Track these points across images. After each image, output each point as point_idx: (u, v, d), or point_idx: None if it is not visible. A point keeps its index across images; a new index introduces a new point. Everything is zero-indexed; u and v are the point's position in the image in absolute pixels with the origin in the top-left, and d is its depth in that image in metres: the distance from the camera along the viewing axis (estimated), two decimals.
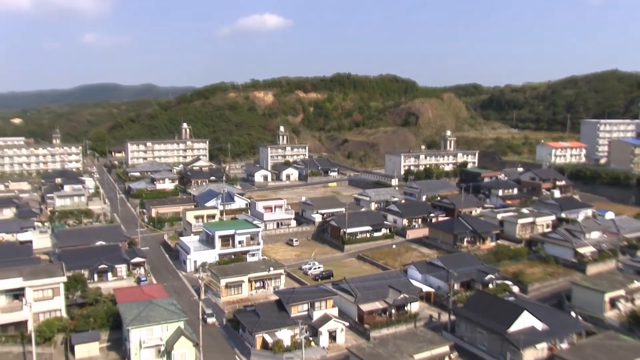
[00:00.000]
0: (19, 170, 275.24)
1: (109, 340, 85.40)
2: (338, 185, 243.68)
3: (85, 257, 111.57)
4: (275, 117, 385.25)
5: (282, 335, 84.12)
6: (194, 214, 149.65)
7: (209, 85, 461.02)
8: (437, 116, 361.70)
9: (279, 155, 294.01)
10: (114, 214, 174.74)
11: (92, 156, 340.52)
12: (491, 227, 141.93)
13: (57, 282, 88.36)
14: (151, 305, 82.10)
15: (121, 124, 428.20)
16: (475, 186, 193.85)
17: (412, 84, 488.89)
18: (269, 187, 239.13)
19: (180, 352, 78.10)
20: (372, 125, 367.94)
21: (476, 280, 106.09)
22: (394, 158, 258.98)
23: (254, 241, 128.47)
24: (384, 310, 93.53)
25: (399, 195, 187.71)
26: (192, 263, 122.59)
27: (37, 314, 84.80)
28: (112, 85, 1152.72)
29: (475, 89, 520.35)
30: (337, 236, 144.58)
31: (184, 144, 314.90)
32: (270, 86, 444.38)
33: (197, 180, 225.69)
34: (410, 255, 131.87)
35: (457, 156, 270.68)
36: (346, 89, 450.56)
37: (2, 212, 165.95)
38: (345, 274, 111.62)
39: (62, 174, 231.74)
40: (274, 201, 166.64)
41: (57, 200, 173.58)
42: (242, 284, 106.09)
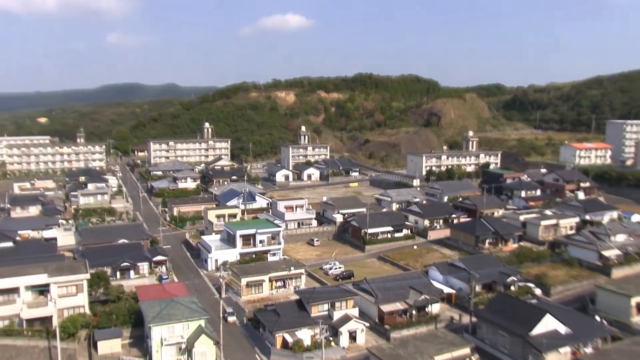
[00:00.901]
0: (45, 168, 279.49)
1: (130, 337, 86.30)
2: (359, 185, 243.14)
3: (108, 254, 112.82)
4: (297, 117, 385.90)
5: (302, 334, 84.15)
6: (215, 213, 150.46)
7: (231, 85, 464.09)
8: (459, 117, 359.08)
9: (300, 155, 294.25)
10: (137, 212, 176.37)
11: (115, 155, 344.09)
12: (513, 229, 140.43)
13: (80, 279, 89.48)
14: (172, 304, 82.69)
15: (144, 124, 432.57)
16: (497, 187, 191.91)
17: (434, 84, 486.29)
18: (290, 186, 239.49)
19: (201, 350, 78.51)
20: (393, 125, 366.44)
21: (498, 282, 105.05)
22: (415, 158, 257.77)
23: (275, 241, 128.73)
24: (404, 311, 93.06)
25: (420, 196, 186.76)
26: (213, 262, 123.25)
27: (62, 310, 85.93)
28: (135, 85, 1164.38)
29: (498, 89, 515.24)
30: (358, 236, 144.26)
31: (205, 143, 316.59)
32: (292, 86, 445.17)
33: (218, 179, 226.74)
34: (431, 256, 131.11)
35: (479, 157, 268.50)
36: (368, 89, 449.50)
37: (28, 210, 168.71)
38: (366, 274, 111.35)
39: (86, 172, 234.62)
40: (295, 201, 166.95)
41: (81, 199, 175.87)
42: (262, 283, 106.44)
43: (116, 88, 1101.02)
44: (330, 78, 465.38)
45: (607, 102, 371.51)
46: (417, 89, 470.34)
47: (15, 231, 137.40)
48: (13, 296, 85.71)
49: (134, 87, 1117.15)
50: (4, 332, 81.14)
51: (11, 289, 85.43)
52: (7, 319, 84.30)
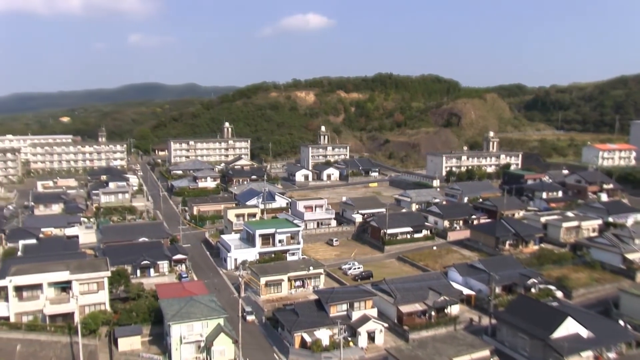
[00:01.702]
0: (67, 167, 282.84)
1: (150, 334, 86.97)
2: (379, 185, 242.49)
3: (128, 253, 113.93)
4: (317, 116, 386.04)
5: (321, 334, 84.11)
6: (235, 213, 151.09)
7: (251, 84, 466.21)
8: (480, 117, 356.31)
9: (320, 155, 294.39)
10: (157, 211, 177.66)
11: (136, 154, 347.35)
12: (534, 230, 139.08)
13: (101, 276, 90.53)
14: (192, 302, 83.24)
15: (164, 123, 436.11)
16: (518, 188, 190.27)
17: (455, 84, 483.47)
18: (309, 186, 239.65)
19: (220, 349, 78.92)
20: (413, 125, 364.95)
21: (518, 284, 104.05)
22: (435, 159, 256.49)
23: (294, 240, 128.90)
24: (423, 312, 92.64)
25: (440, 197, 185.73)
26: (232, 261, 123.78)
27: (83, 307, 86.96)
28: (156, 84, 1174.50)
29: (519, 90, 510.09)
30: (377, 237, 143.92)
31: (225, 143, 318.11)
32: (312, 86, 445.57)
33: (238, 179, 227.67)
34: (451, 257, 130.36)
35: (500, 157, 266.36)
36: (388, 89, 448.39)
37: (51, 208, 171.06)
38: (385, 274, 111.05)
39: (107, 171, 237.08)
40: (315, 201, 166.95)
41: (102, 197, 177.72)
42: (281, 283, 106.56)
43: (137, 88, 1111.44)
44: (350, 78, 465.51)
45: (632, 102, 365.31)
46: (437, 89, 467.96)
47: (38, 228, 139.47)
48: (37, 292, 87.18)
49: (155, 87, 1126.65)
50: (29, 327, 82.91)
51: (35, 285, 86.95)
52: (31, 314, 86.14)
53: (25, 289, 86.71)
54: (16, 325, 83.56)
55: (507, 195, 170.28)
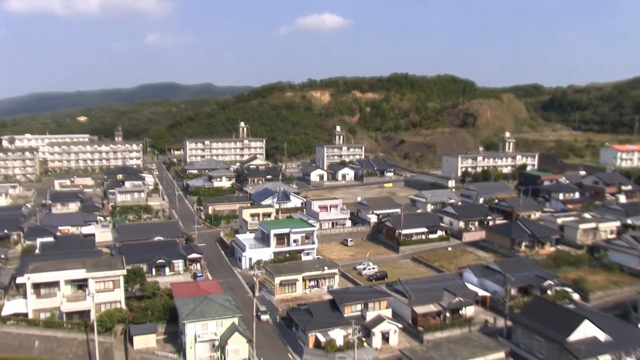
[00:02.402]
0: (84, 166, 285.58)
1: (165, 333, 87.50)
2: (394, 186, 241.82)
3: (144, 251, 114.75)
4: (332, 116, 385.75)
5: (335, 334, 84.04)
6: (250, 212, 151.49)
7: (266, 84, 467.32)
8: (496, 117, 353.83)
9: (335, 155, 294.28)
10: (172, 210, 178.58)
11: (152, 153, 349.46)
12: (551, 232, 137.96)
13: (117, 274, 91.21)
14: (206, 301, 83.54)
15: (180, 123, 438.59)
16: (534, 189, 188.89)
17: (471, 84, 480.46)
18: (324, 186, 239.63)
19: (234, 348, 79.16)
20: (429, 125, 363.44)
21: (534, 286, 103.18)
22: (451, 159, 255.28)
23: (309, 240, 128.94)
24: (438, 313, 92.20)
25: (455, 197, 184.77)
26: (247, 260, 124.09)
27: (99, 305, 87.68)
28: (172, 84, 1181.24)
29: (536, 90, 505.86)
30: (392, 237, 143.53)
31: (241, 142, 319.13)
32: (327, 86, 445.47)
33: (253, 178, 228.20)
34: (466, 258, 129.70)
35: (516, 158, 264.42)
36: (403, 89, 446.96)
37: (68, 206, 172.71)
38: (399, 275, 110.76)
39: (123, 170, 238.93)
40: (330, 201, 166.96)
41: (118, 196, 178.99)
42: (296, 283, 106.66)
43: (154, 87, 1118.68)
44: (366, 78, 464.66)
45: None
46: (453, 89, 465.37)
47: (55, 227, 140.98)
48: (54, 289, 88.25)
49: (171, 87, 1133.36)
50: (46, 324, 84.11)
51: (52, 282, 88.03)
52: (48, 311, 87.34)
53: (42, 286, 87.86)
54: (34, 321, 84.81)
55: (523, 196, 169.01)
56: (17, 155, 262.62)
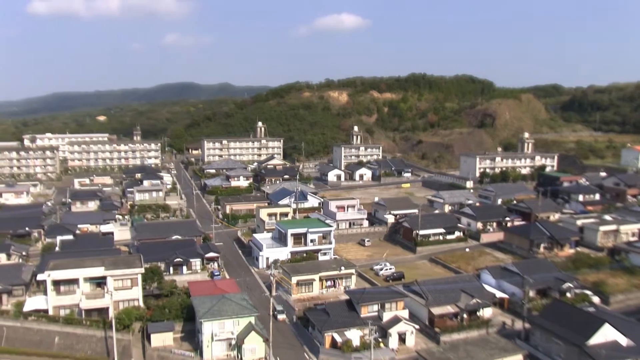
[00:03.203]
0: (103, 165, 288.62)
1: (182, 331, 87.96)
2: (411, 186, 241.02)
3: (161, 250, 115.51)
4: (349, 116, 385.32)
5: (352, 335, 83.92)
6: (267, 212, 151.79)
7: (284, 84, 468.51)
8: (515, 118, 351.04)
9: (352, 155, 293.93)
10: (190, 209, 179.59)
11: (170, 153, 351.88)
12: (570, 234, 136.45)
13: (135, 272, 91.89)
14: (223, 300, 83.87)
15: (198, 122, 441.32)
16: (553, 190, 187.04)
17: (489, 84, 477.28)
18: (342, 186, 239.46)
19: (251, 347, 79.40)
20: (447, 126, 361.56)
21: (553, 288, 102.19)
22: (469, 160, 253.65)
23: (326, 240, 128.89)
24: (455, 314, 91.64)
25: (473, 198, 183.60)
26: (264, 260, 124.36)
27: (117, 302, 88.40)
28: (191, 84, 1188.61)
29: (556, 90, 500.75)
30: (409, 238, 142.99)
31: (258, 142, 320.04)
32: (345, 86, 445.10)
33: (271, 178, 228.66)
34: (483, 259, 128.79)
35: (535, 159, 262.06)
36: (421, 89, 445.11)
37: (87, 205, 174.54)
38: (416, 276, 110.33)
39: (141, 169, 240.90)
40: (347, 201, 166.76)
41: (137, 195, 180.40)
42: (313, 282, 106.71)
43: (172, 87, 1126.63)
44: (383, 78, 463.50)
45: None
46: (471, 89, 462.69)
47: (75, 225, 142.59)
48: (73, 287, 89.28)
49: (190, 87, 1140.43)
50: (66, 321, 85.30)
51: (71, 280, 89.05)
52: (68, 308, 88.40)
53: (62, 283, 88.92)
54: (54, 318, 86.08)
55: (542, 197, 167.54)
56: (38, 154, 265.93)
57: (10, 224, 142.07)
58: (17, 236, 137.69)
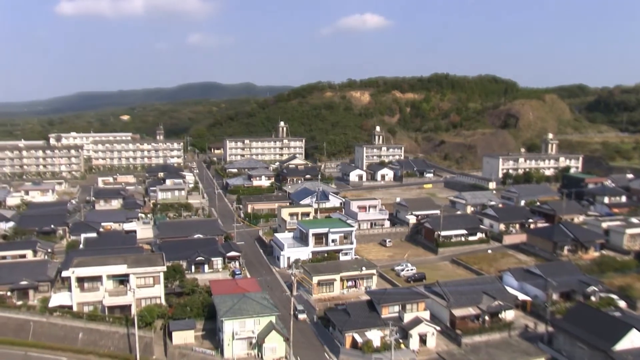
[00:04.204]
0: (126, 163, 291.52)
1: (203, 329, 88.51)
2: (433, 187, 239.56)
3: (183, 248, 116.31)
4: (371, 116, 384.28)
5: (372, 335, 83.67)
6: (288, 211, 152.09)
7: (306, 84, 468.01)
8: (538, 118, 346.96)
9: (374, 155, 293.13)
10: (212, 208, 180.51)
11: (192, 152, 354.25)
12: (595, 236, 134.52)
13: (157, 271, 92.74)
14: (245, 299, 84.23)
15: (220, 122, 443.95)
16: (578, 192, 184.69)
17: (513, 84, 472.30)
18: (363, 186, 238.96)
19: (271, 346, 79.59)
20: (469, 126, 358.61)
21: (577, 292, 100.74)
22: (492, 161, 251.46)
23: (347, 240, 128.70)
24: (476, 316, 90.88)
25: (496, 199, 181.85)
26: (285, 259, 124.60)
27: (139, 300, 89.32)
28: (213, 84, 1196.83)
29: (581, 90, 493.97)
30: (431, 238, 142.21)
31: (280, 142, 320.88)
32: (367, 86, 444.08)
33: (292, 178, 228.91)
34: (506, 261, 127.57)
35: (559, 160, 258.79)
36: (444, 89, 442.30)
37: (111, 203, 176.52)
38: (438, 277, 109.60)
39: (164, 168, 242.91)
40: (369, 201, 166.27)
41: (159, 194, 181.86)
42: (334, 282, 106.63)
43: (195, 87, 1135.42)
44: (406, 78, 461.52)
45: None
46: (494, 89, 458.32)
47: (99, 223, 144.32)
48: (97, 284, 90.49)
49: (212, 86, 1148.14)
50: (89, 317, 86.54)
51: (95, 277, 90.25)
52: (91, 305, 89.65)
53: (86, 280, 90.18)
54: (78, 314, 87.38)
55: (567, 199, 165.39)
56: (63, 153, 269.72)
57: (36, 221, 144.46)
58: (42, 233, 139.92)
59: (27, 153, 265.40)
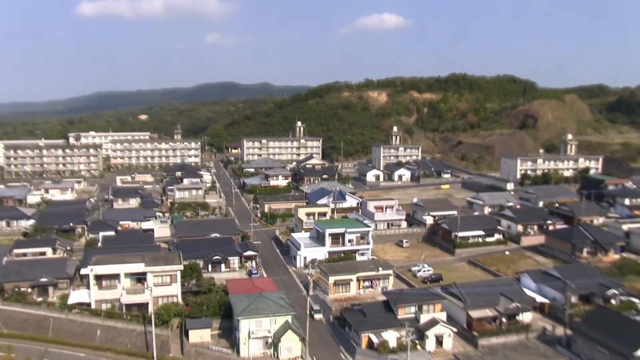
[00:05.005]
0: (144, 163, 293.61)
1: (220, 328, 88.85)
2: (451, 187, 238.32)
3: (200, 247, 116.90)
4: (389, 117, 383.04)
5: (388, 336, 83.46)
6: (305, 211, 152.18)
7: (323, 84, 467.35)
8: (557, 119, 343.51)
9: (391, 155, 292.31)
10: (229, 207, 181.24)
11: (209, 151, 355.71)
12: (615, 238, 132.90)
13: (174, 269, 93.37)
14: (261, 298, 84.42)
15: (238, 121, 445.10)
16: (597, 194, 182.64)
17: (531, 85, 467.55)
18: (380, 187, 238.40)
19: (287, 346, 79.70)
20: (487, 127, 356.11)
21: (596, 295, 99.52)
22: (509, 161, 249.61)
23: (364, 240, 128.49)
24: (494, 318, 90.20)
25: (514, 200, 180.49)
26: (302, 259, 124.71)
27: (156, 298, 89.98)
28: (231, 83, 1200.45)
29: (601, 90, 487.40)
30: (448, 239, 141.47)
31: (297, 142, 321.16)
32: (384, 86, 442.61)
33: (309, 177, 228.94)
34: (524, 263, 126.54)
35: (578, 161, 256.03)
36: (461, 89, 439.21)
37: (129, 202, 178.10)
38: (455, 278, 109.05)
39: (181, 168, 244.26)
40: (385, 201, 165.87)
41: (177, 193, 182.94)
42: (350, 283, 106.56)
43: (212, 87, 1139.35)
44: (423, 78, 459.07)
45: None
46: (512, 89, 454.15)
47: (117, 221, 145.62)
48: (114, 282, 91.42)
49: (230, 86, 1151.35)
50: (107, 314, 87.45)
51: (113, 275, 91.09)
52: (109, 302, 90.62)
53: (104, 278, 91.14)
54: (96, 311, 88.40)
55: (586, 200, 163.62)
56: (82, 152, 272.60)
57: (55, 219, 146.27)
58: (62, 231, 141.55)
59: (47, 152, 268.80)
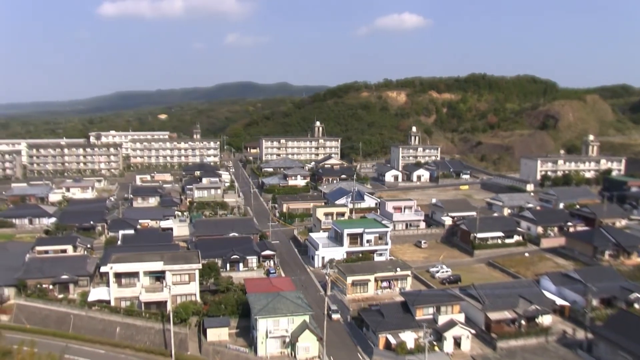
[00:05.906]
0: (163, 162, 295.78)
1: (237, 327, 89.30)
2: (470, 188, 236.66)
3: (219, 247, 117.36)
4: (408, 117, 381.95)
5: (406, 337, 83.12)
6: (323, 211, 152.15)
7: (342, 84, 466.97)
8: (579, 119, 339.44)
9: (410, 156, 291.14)
10: (247, 207, 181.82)
11: (228, 151, 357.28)
12: (638, 241, 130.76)
13: (193, 268, 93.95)
14: (279, 298, 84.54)
15: (256, 121, 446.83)
16: (620, 196, 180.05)
17: (552, 85, 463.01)
18: (399, 187, 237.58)
19: (304, 345, 79.75)
20: (507, 127, 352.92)
21: (619, 298, 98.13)
22: (529, 162, 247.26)
23: (382, 241, 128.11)
24: (512, 320, 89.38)
25: (534, 202, 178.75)
26: (320, 259, 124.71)
27: (175, 297, 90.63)
28: (249, 83, 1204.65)
29: (625, 91, 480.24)
30: (466, 240, 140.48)
31: (316, 141, 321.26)
32: (403, 86, 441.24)
33: (328, 177, 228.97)
34: (543, 265, 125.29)
35: (600, 162, 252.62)
36: (481, 89, 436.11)
37: (148, 201, 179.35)
38: (473, 279, 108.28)
39: (200, 167, 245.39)
40: (404, 202, 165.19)
41: (196, 192, 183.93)
42: (368, 283, 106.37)
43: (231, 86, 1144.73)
44: (442, 78, 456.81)
45: None
46: (533, 90, 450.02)
47: (136, 220, 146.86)
48: (134, 280, 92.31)
49: (249, 86, 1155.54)
50: (126, 312, 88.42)
51: (132, 273, 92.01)
52: (128, 300, 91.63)
53: (123, 276, 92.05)
54: (116, 309, 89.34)
55: (608, 202, 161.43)
56: (103, 151, 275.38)
57: (76, 218, 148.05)
58: (82, 229, 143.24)
59: (69, 151, 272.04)
